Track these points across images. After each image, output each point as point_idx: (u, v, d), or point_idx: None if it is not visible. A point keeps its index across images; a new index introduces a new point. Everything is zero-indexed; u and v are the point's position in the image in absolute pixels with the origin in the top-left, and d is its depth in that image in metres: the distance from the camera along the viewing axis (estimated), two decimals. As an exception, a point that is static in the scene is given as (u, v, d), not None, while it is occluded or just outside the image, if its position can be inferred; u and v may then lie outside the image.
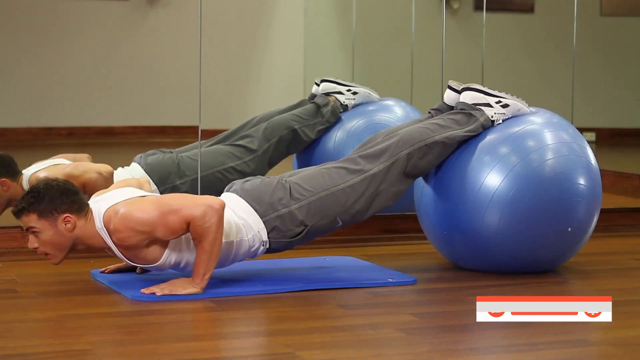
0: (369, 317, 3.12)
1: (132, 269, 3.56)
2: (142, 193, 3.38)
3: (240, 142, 4.53)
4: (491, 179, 3.57)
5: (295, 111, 4.68)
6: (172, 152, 4.46)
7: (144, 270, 3.54)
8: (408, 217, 4.32)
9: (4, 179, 4.07)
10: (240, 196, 3.46)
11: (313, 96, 4.77)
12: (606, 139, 8.65)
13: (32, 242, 3.26)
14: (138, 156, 4.41)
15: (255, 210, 3.42)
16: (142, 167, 4.33)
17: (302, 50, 8.53)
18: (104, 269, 3.57)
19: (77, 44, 8.38)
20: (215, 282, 3.37)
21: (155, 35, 8.60)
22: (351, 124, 4.63)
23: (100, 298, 3.29)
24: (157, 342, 2.80)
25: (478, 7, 8.68)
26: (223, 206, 3.23)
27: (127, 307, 3.16)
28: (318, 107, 4.67)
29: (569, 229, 3.59)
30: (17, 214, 3.26)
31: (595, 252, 4.07)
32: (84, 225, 3.26)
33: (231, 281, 3.45)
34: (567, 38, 5.17)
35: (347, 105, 4.71)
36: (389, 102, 4.73)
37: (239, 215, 3.40)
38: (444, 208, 3.68)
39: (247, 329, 2.96)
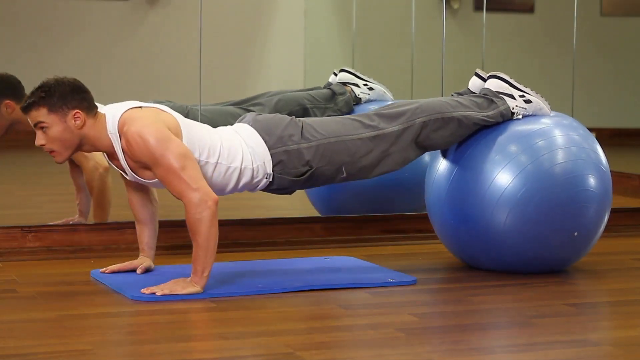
0: (369, 317, 3.12)
1: (132, 269, 3.56)
2: (158, 106, 3.38)
3: (251, 108, 4.51)
4: (503, 176, 3.57)
5: (311, 92, 4.68)
6: (182, 104, 4.44)
7: (145, 270, 3.54)
8: (408, 217, 4.33)
9: (8, 101, 4.06)
10: (252, 126, 3.47)
11: (329, 84, 4.77)
12: (606, 139, 8.63)
13: (40, 139, 3.28)
14: (150, 102, 4.39)
15: (265, 142, 3.43)
16: None
17: (302, 50, 8.53)
18: (104, 269, 3.58)
19: (77, 43, 8.38)
20: (215, 282, 3.37)
21: (155, 35, 8.60)
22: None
23: (100, 298, 3.29)
24: (157, 342, 2.80)
25: (478, 7, 8.68)
26: (216, 202, 3.24)
27: (127, 307, 3.16)
28: (334, 94, 4.67)
29: (575, 234, 3.59)
30: (27, 107, 3.27)
31: (595, 252, 4.07)
32: (93, 124, 3.30)
33: (231, 281, 3.45)
34: (567, 38, 5.17)
35: (360, 98, 4.71)
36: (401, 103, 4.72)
37: (248, 144, 3.42)
38: (454, 198, 3.67)
39: (247, 329, 2.96)
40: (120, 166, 3.37)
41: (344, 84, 4.74)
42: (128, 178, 3.43)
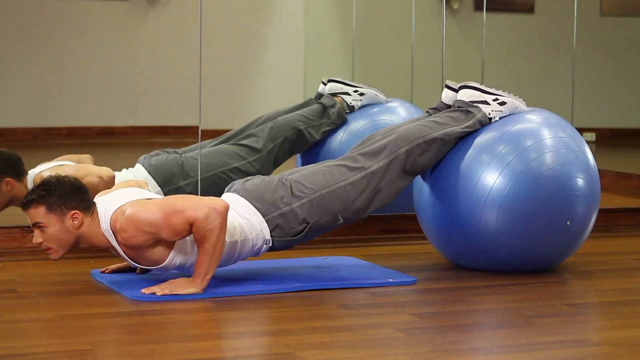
0: (369, 317, 3.12)
1: (132, 269, 3.56)
2: (148, 195, 3.39)
3: (245, 142, 4.51)
4: (487, 175, 3.58)
5: (301, 111, 4.66)
6: (176, 153, 4.44)
7: (144, 271, 3.54)
8: (408, 217, 4.32)
9: (8, 179, 4.06)
10: (241, 196, 3.46)
11: (320, 95, 4.74)
12: (606, 139, 8.66)
13: (37, 237, 3.28)
14: (142, 157, 4.39)
15: (257, 210, 3.43)
16: (146, 169, 4.32)
17: (302, 50, 8.53)
18: (104, 269, 3.58)
19: (77, 44, 8.38)
20: (215, 282, 3.37)
21: (155, 35, 8.60)
22: (356, 125, 4.62)
23: (100, 298, 3.29)
24: (157, 342, 2.80)
25: (478, 7, 8.68)
26: (227, 208, 3.23)
27: (127, 307, 3.16)
28: (324, 108, 4.65)
29: (568, 223, 3.59)
30: (26, 205, 3.27)
31: (595, 252, 4.07)
32: (90, 223, 3.28)
33: (231, 281, 3.45)
34: (567, 38, 5.17)
35: (353, 106, 4.69)
36: (394, 104, 4.72)
37: (242, 215, 3.41)
38: (442, 205, 3.68)
39: (247, 329, 2.96)
40: (124, 258, 3.36)
41: (334, 94, 4.72)
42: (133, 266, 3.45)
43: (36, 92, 8.28)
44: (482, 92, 3.73)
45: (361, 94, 4.70)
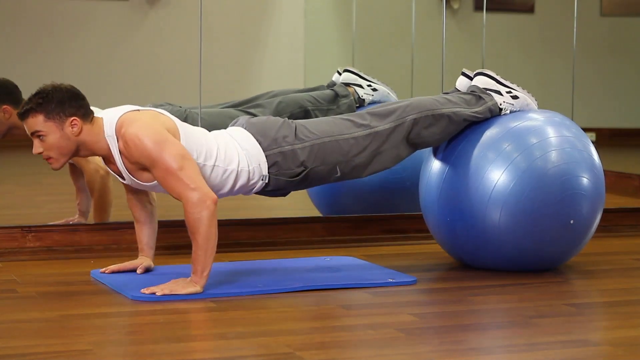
0: (369, 317, 3.12)
1: (132, 269, 3.56)
2: (156, 110, 3.38)
3: (252, 110, 4.49)
4: (492, 172, 3.59)
5: (313, 93, 4.66)
6: (181, 107, 4.43)
7: (145, 270, 3.54)
8: (408, 217, 4.33)
9: (5, 106, 4.05)
10: (245, 129, 3.48)
11: (332, 84, 4.74)
12: (606, 139, 8.65)
13: (37, 147, 3.28)
14: (148, 105, 4.39)
15: (259, 144, 3.45)
16: None
17: (302, 50, 8.53)
18: (104, 269, 3.57)
19: (77, 43, 8.38)
20: (215, 282, 3.37)
21: (155, 35, 8.60)
22: None
23: (100, 298, 3.29)
24: (157, 342, 2.80)
25: (478, 7, 8.68)
26: (215, 202, 3.24)
27: (127, 307, 3.16)
28: (336, 96, 4.65)
29: (572, 222, 3.59)
30: (24, 114, 3.27)
31: (596, 252, 4.07)
32: (90, 130, 3.30)
33: (231, 281, 3.45)
34: (567, 38, 5.17)
35: (364, 99, 4.69)
36: None
37: (243, 147, 3.43)
38: (447, 199, 3.68)
39: (247, 329, 2.96)
40: (117, 170, 3.37)
41: (348, 84, 4.72)
42: (125, 182, 3.43)
43: (36, 92, 8.28)
44: (497, 82, 3.75)
45: (374, 89, 4.70)
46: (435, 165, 3.75)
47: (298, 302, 3.27)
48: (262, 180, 3.45)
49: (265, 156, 3.44)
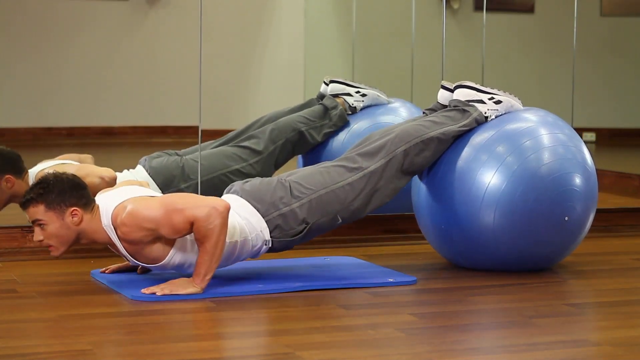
0: (369, 317, 3.12)
1: (132, 269, 3.56)
2: (150, 192, 3.39)
3: (246, 144, 4.49)
4: (484, 174, 3.59)
5: (302, 112, 4.64)
6: (177, 154, 4.44)
7: (145, 270, 3.54)
8: (408, 217, 4.32)
9: (8, 176, 4.06)
10: (241, 197, 3.47)
11: (321, 96, 4.72)
12: (606, 139, 8.65)
13: (37, 235, 3.28)
14: (143, 159, 4.39)
15: (257, 210, 3.43)
16: (147, 171, 4.31)
17: (302, 50, 8.53)
18: (104, 269, 3.58)
19: (77, 44, 8.38)
20: (215, 282, 3.37)
21: (155, 35, 8.60)
22: (358, 126, 4.62)
23: (100, 298, 3.29)
24: (157, 342, 2.80)
25: (478, 7, 8.68)
26: (228, 208, 3.23)
27: (127, 307, 3.16)
28: (326, 110, 4.64)
29: (566, 218, 3.59)
30: (25, 204, 3.27)
31: (595, 252, 4.07)
32: (90, 219, 3.28)
33: (231, 281, 3.45)
34: (567, 38, 5.17)
35: (355, 107, 4.68)
36: (396, 105, 4.72)
37: (242, 216, 3.41)
38: (440, 204, 3.69)
39: (247, 329, 2.96)
40: (122, 255, 3.36)
41: (336, 95, 4.71)
42: (132, 264, 3.44)
43: (36, 92, 8.28)
44: (478, 91, 3.75)
45: (363, 95, 4.69)
46: (427, 173, 3.75)
47: (298, 302, 3.27)
48: (266, 245, 3.45)
49: (265, 221, 3.44)
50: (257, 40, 8.76)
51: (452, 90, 3.81)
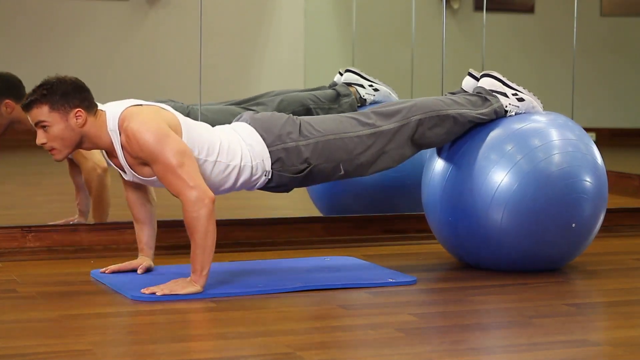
0: (369, 317, 3.12)
1: (132, 269, 3.56)
2: (159, 105, 3.40)
3: (253, 107, 4.50)
4: (495, 173, 3.59)
5: (314, 92, 4.66)
6: (183, 104, 4.44)
7: (145, 270, 3.54)
8: (408, 217, 4.33)
9: (8, 100, 4.06)
10: (250, 124, 3.48)
11: (334, 84, 4.75)
12: (606, 139, 8.65)
13: (40, 137, 3.29)
14: (151, 101, 4.38)
15: (263, 139, 3.45)
16: None
17: (302, 50, 8.53)
18: (104, 269, 3.57)
19: (77, 44, 8.38)
20: (215, 282, 3.37)
21: (155, 35, 8.60)
22: None
23: (100, 298, 3.29)
24: (157, 342, 2.80)
25: (478, 7, 8.68)
26: (213, 201, 3.24)
27: (127, 307, 3.16)
28: (338, 95, 4.65)
29: (574, 225, 3.59)
30: (28, 105, 3.28)
31: (596, 252, 4.07)
32: (94, 122, 3.31)
33: (231, 281, 3.45)
34: (567, 38, 5.17)
35: (365, 99, 4.70)
36: None
37: (247, 142, 3.43)
38: (449, 199, 3.68)
39: (247, 329, 2.96)
40: (119, 164, 3.37)
41: (349, 84, 4.72)
42: (126, 178, 3.43)
43: (36, 92, 8.28)
44: (503, 84, 3.75)
45: (376, 90, 4.71)
46: (439, 165, 3.75)
47: (298, 302, 3.27)
48: (265, 176, 3.45)
49: (269, 152, 3.44)
50: (257, 40, 8.76)
51: (477, 79, 3.81)
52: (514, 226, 3.57)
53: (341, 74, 4.77)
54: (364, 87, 4.70)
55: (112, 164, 3.43)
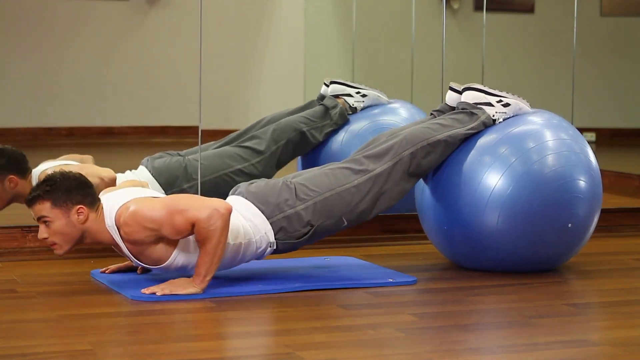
0: (369, 317, 3.12)
1: (132, 269, 3.56)
2: (153, 193, 3.40)
3: (248, 144, 4.50)
4: (489, 176, 3.59)
5: (303, 113, 4.66)
6: (179, 155, 4.44)
7: (145, 271, 3.54)
8: (408, 217, 4.32)
9: (12, 176, 4.06)
10: (246, 198, 3.47)
11: (322, 97, 4.74)
12: (606, 139, 8.65)
13: (42, 232, 3.28)
14: (145, 159, 4.39)
15: (262, 212, 3.43)
16: (149, 171, 4.32)
17: (302, 50, 8.53)
18: (104, 269, 3.58)
19: (77, 44, 8.38)
20: (215, 282, 3.37)
21: (155, 35, 8.60)
22: (358, 126, 4.62)
23: (100, 298, 3.29)
24: (157, 342, 2.80)
25: (478, 7, 8.68)
26: (229, 210, 3.23)
27: (127, 307, 3.16)
28: (327, 110, 4.65)
29: (569, 225, 3.60)
30: (31, 201, 3.27)
31: (595, 252, 4.07)
32: (95, 218, 3.29)
33: (231, 281, 3.45)
34: (567, 38, 5.17)
35: (356, 107, 4.69)
36: (396, 105, 4.72)
37: (246, 217, 3.41)
38: (444, 205, 3.69)
39: (247, 329, 2.96)
40: (126, 255, 3.36)
41: (336, 96, 4.71)
42: (133, 265, 3.44)
43: (36, 92, 8.28)
44: (486, 93, 3.74)
45: (363, 95, 4.70)
46: (432, 171, 3.75)
47: (298, 302, 3.27)
48: (270, 247, 3.45)
49: (270, 223, 3.43)
50: (257, 40, 8.76)
51: (460, 92, 3.80)
52: (510, 228, 3.57)
53: (327, 85, 4.76)
54: (351, 96, 4.69)
55: (120, 253, 3.42)
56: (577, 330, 3.00)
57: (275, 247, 3.45)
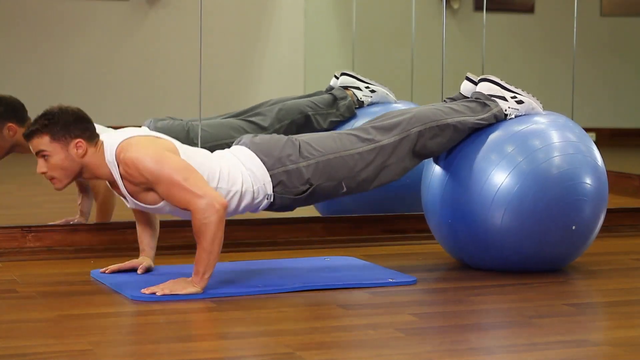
0: (369, 317, 3.12)
1: (132, 269, 3.56)
2: (155, 134, 3.40)
3: (253, 119, 4.50)
4: (496, 175, 3.58)
5: (312, 98, 4.67)
6: (182, 120, 4.45)
7: (145, 270, 3.54)
8: (408, 217, 4.33)
9: (10, 124, 4.06)
10: (249, 148, 3.47)
11: (330, 88, 4.76)
12: (606, 139, 8.65)
13: (41, 167, 3.29)
14: (148, 120, 4.41)
15: (264, 163, 3.44)
16: (152, 130, 4.31)
17: (302, 50, 8.53)
18: (104, 269, 3.58)
19: (77, 44, 8.38)
20: (215, 282, 3.37)
21: (155, 35, 8.60)
22: (362, 121, 4.62)
23: (100, 298, 3.29)
24: (157, 342, 2.80)
25: (478, 7, 8.68)
26: (225, 206, 3.24)
27: (127, 307, 3.16)
28: (335, 99, 4.66)
29: (574, 227, 3.60)
30: (30, 135, 3.29)
31: (596, 252, 4.07)
32: (94, 153, 3.31)
33: (231, 281, 3.45)
34: (567, 38, 5.17)
35: (363, 101, 4.70)
36: (401, 105, 4.72)
37: (247, 167, 3.42)
38: (449, 200, 3.68)
39: (247, 329, 2.96)
40: (121, 193, 3.37)
41: (346, 87, 4.72)
42: (129, 206, 3.44)
43: (36, 92, 8.27)
44: (502, 87, 3.74)
45: (372, 91, 4.72)
46: (438, 167, 3.75)
47: (298, 302, 3.27)
48: (267, 199, 3.45)
49: (270, 175, 3.44)
50: (257, 39, 8.76)
51: (475, 83, 3.80)
52: (515, 228, 3.57)
53: (337, 77, 4.77)
54: (360, 90, 4.70)
55: (115, 192, 3.44)
56: (577, 330, 3.00)
57: (272, 200, 3.45)
